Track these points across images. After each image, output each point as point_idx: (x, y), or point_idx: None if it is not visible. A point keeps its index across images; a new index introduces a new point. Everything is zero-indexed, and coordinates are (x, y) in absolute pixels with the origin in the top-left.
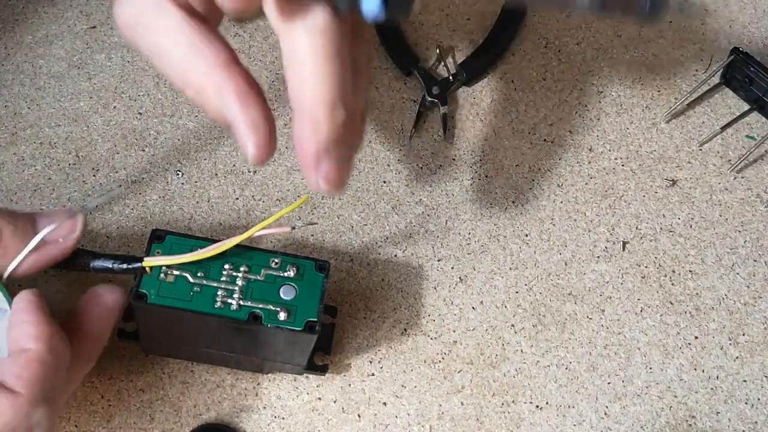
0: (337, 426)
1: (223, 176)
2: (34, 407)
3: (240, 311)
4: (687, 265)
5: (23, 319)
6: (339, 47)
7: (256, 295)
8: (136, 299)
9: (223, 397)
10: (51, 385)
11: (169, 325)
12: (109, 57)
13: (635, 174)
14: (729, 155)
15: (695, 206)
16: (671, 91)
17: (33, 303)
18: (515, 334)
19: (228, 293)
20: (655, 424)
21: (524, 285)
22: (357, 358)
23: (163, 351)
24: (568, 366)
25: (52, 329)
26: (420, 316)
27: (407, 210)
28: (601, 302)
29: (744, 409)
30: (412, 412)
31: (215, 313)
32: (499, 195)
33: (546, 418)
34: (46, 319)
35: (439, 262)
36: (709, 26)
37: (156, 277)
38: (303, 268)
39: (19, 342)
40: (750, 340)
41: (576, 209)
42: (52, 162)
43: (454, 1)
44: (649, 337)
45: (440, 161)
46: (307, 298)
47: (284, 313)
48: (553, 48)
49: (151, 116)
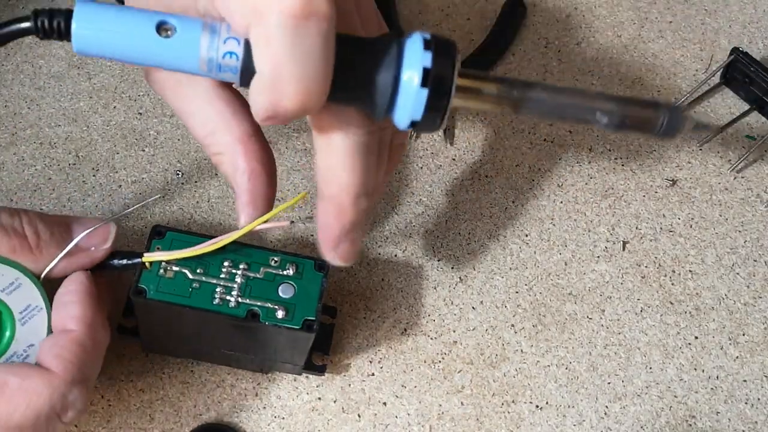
0: (337, 426)
1: (224, 176)
2: (71, 387)
3: (238, 308)
4: (687, 265)
5: (70, 300)
6: (369, 144)
7: (254, 293)
8: (136, 294)
9: (223, 397)
10: (88, 367)
11: (168, 321)
12: None
13: (635, 174)
14: (729, 155)
15: (695, 206)
16: (671, 91)
17: (83, 285)
18: (515, 334)
19: (227, 290)
20: (655, 424)
21: (524, 285)
22: (357, 358)
23: (162, 348)
24: (568, 366)
25: (95, 313)
26: (420, 316)
27: (407, 210)
28: (601, 302)
29: (744, 409)
30: (412, 412)
31: (213, 310)
32: (499, 195)
33: (546, 418)
34: (91, 303)
35: (439, 262)
36: (709, 26)
37: (155, 273)
38: (302, 266)
39: (63, 321)
40: (750, 340)
41: (576, 209)
42: (52, 162)
43: (454, 1)
44: (649, 337)
45: (440, 161)
46: (305, 296)
47: (282, 311)
48: (553, 48)
49: (151, 116)
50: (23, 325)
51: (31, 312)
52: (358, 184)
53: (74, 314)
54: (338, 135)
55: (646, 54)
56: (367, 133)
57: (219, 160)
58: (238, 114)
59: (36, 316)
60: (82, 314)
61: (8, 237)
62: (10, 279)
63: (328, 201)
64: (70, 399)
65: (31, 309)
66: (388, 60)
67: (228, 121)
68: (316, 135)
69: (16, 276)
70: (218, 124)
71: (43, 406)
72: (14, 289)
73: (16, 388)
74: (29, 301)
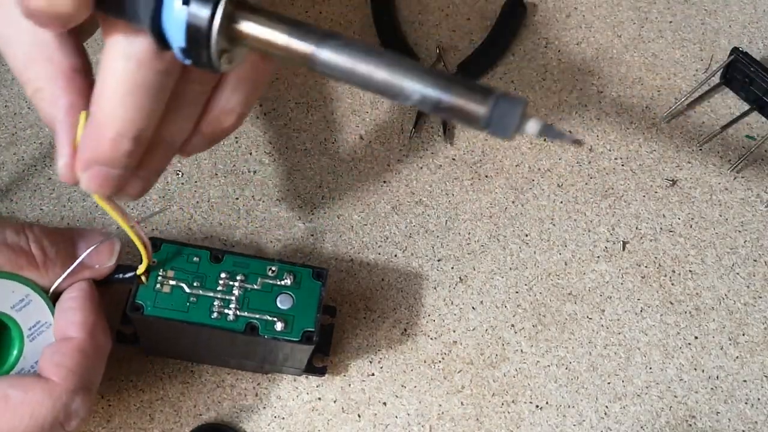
0: (337, 426)
1: (223, 176)
2: (73, 396)
3: (237, 322)
4: (687, 265)
5: (71, 306)
6: (156, 84)
7: (252, 305)
8: (133, 311)
9: (223, 397)
10: (90, 374)
11: (167, 335)
12: None
13: (635, 174)
14: (729, 155)
15: (695, 206)
16: (671, 91)
17: (84, 291)
18: (515, 334)
19: (224, 303)
20: (655, 424)
21: (524, 285)
22: (357, 358)
23: (163, 354)
24: (568, 366)
25: (96, 319)
26: (420, 316)
27: (407, 210)
28: (601, 302)
29: (744, 409)
30: (412, 412)
31: (212, 325)
32: (499, 195)
33: (546, 418)
34: (92, 309)
35: (439, 262)
36: (709, 26)
37: (152, 287)
38: (300, 275)
39: (64, 328)
40: (750, 340)
41: (576, 209)
42: (52, 162)
43: (454, 1)
44: (649, 337)
45: (440, 161)
46: (304, 307)
47: (281, 323)
48: (553, 48)
49: None
50: (32, 341)
51: (39, 328)
52: (126, 122)
53: (75, 320)
54: (119, 61)
55: (646, 54)
56: (155, 71)
57: (38, 98)
58: (65, 46)
59: (45, 332)
60: (83, 320)
61: (15, 255)
62: (20, 296)
63: (90, 122)
64: (72, 408)
65: (40, 325)
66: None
67: (51, 52)
68: (103, 51)
69: (26, 292)
70: (40, 53)
71: (46, 417)
72: (24, 305)
73: (19, 402)
74: (38, 318)
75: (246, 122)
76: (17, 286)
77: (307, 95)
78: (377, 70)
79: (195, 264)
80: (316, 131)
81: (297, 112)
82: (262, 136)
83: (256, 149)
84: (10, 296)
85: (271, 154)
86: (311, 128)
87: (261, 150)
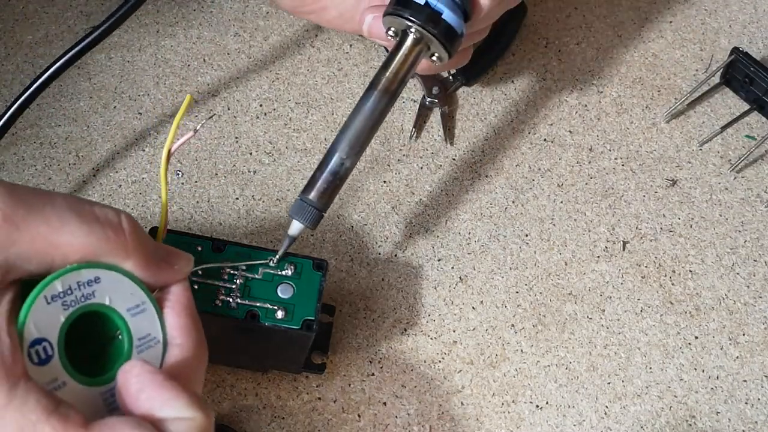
0: (337, 426)
1: (223, 176)
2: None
3: (238, 310)
4: (687, 265)
5: (174, 310)
6: None
7: (254, 294)
8: None
9: (223, 397)
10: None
11: None
12: (109, 57)
13: (635, 174)
14: (729, 155)
15: (695, 206)
16: (671, 91)
17: (187, 297)
18: (515, 334)
19: (226, 292)
20: (655, 424)
21: (524, 285)
22: (357, 358)
23: None
24: (568, 366)
25: (197, 328)
26: (420, 316)
27: (407, 210)
28: (601, 302)
29: (744, 409)
30: (412, 412)
31: (214, 312)
32: (499, 195)
33: (546, 418)
34: (195, 314)
35: (439, 262)
36: (709, 26)
37: None
38: (301, 266)
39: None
40: (750, 340)
41: (576, 209)
42: (52, 162)
43: None
44: (649, 337)
45: (440, 161)
46: (304, 296)
47: (282, 311)
48: (553, 48)
49: (151, 116)
50: (139, 353)
51: (148, 342)
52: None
53: (176, 324)
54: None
55: (646, 54)
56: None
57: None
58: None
59: (152, 348)
60: (188, 325)
61: (109, 232)
62: (137, 301)
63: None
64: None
65: (149, 339)
66: None
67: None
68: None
69: (143, 299)
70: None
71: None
72: (139, 312)
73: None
74: (149, 331)
75: (246, 122)
76: (136, 289)
77: (307, 95)
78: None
79: (198, 253)
80: (316, 131)
81: (297, 112)
82: (262, 136)
83: (256, 149)
84: (128, 298)
85: (271, 154)
86: (311, 128)
87: (261, 150)
